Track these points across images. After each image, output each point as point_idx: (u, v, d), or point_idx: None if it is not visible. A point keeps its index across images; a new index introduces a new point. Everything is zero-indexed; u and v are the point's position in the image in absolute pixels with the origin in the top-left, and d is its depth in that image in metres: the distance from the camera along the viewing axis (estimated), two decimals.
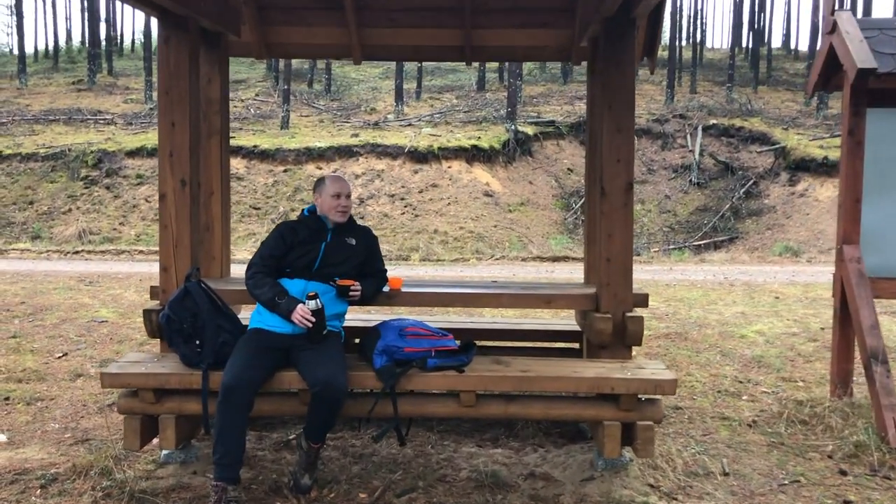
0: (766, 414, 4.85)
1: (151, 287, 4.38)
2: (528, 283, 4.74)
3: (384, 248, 15.34)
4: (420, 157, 17.77)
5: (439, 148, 17.91)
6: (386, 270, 4.25)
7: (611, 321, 4.06)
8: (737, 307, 7.84)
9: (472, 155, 17.98)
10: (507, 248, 14.33)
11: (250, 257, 3.99)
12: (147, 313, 4.18)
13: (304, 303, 3.69)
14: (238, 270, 4.49)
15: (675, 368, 5.75)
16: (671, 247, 15.85)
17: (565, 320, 5.29)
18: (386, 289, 4.28)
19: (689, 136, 21.16)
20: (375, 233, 4.33)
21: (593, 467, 4.01)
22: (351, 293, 3.90)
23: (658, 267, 12.05)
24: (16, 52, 32.12)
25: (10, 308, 7.28)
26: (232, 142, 18.07)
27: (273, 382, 3.73)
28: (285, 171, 17.25)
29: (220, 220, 4.76)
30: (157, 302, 4.27)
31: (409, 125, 21.23)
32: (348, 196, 4.00)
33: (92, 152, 17.14)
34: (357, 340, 4.13)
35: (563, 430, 4.49)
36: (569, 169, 19.05)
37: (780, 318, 7.29)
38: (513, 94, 20.07)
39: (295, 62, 28.90)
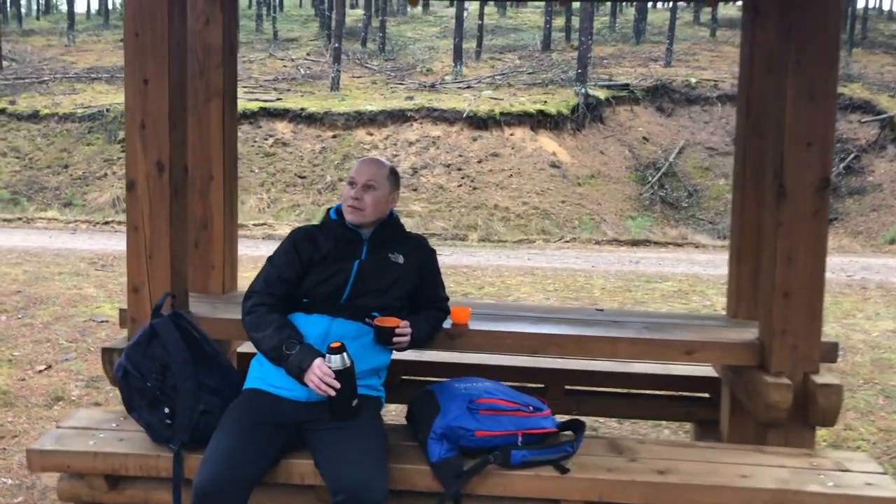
0: None
1: (120, 312, 3.12)
2: (647, 316, 3.34)
3: (438, 224, 14.10)
4: (480, 122, 16.26)
5: (501, 113, 16.36)
6: (447, 299, 2.92)
7: (790, 390, 2.67)
8: (883, 322, 6.27)
9: (538, 121, 16.37)
10: (578, 227, 12.81)
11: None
12: (107, 353, 2.94)
13: (324, 356, 2.41)
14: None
15: None
16: None
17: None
18: (447, 324, 2.96)
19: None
20: (433, 243, 2.99)
21: None
22: (396, 339, 2.59)
23: None
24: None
25: (1, 300, 6.19)
26: (278, 104, 16.87)
27: (278, 472, 2.48)
28: (334, 136, 15.96)
29: (222, 214, 3.47)
30: (126, 334, 3.03)
31: (468, 87, 19.70)
32: (368, 186, 2.66)
33: None
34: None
35: None
36: (644, 138, 17.29)
37: None
38: (583, 53, 18.30)
39: (348, 19, 27.51)
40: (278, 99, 17.55)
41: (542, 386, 3.72)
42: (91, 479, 2.61)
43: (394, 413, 4.12)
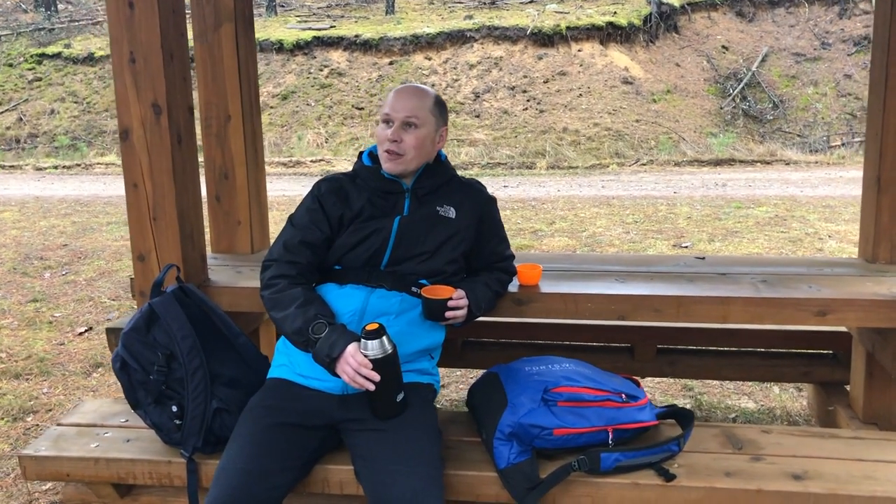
0: None
1: (131, 280, 2.69)
2: (761, 264, 2.72)
3: (504, 152, 13.34)
4: (545, 39, 15.26)
5: (567, 27, 15.30)
6: (512, 257, 2.37)
7: None
8: None
9: (607, 34, 15.24)
10: (655, 148, 11.91)
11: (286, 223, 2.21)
12: (112, 335, 2.52)
13: (359, 340, 1.90)
14: None
15: None
16: (856, 139, 12.91)
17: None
18: (514, 287, 2.42)
19: (874, 0, 17.41)
20: (494, 192, 2.40)
21: None
22: (449, 314, 2.07)
23: (856, 173, 9.35)
24: None
25: (46, 255, 5.95)
26: (332, 32, 16.21)
27: (311, 481, 2.03)
28: (391, 63, 15.25)
29: (244, 161, 2.97)
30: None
31: (532, 2, 18.55)
32: (408, 124, 2.13)
33: None
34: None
35: None
36: (723, 47, 15.95)
37: None
38: None
39: None
40: (332, 27, 16.88)
41: (629, 346, 3.19)
42: (97, 486, 2.22)
43: (452, 386, 3.63)
